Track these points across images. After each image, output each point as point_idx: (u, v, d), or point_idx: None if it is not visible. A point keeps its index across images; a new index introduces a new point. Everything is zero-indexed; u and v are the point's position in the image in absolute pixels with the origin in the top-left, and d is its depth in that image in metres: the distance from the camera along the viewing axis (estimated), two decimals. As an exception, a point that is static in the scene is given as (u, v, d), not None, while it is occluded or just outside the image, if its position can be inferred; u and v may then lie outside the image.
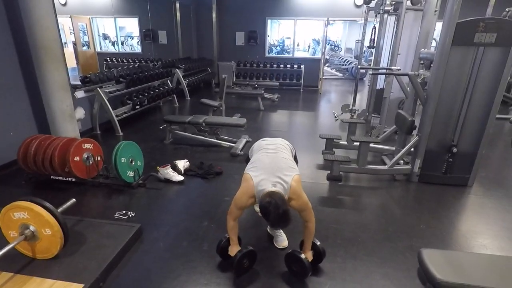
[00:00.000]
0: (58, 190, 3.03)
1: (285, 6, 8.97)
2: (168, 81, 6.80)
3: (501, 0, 3.96)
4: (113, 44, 11.70)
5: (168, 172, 3.22)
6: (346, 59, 12.55)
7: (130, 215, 2.63)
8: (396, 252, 2.28)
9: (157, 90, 6.10)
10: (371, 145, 3.59)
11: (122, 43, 11.43)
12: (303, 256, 1.91)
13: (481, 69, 2.90)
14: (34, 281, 1.83)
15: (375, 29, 4.84)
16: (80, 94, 4.61)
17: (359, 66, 5.39)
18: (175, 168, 3.35)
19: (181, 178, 3.25)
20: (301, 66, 9.14)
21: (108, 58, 9.67)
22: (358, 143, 3.42)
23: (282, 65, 9.27)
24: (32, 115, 3.71)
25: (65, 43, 10.53)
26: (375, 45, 4.85)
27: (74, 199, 2.32)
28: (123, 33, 11.61)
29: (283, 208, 1.69)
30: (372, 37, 4.92)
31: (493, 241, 2.47)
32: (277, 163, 1.92)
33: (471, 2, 4.37)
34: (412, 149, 3.36)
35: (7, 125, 3.43)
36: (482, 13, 3.45)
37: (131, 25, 10.81)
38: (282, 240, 2.30)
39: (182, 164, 3.44)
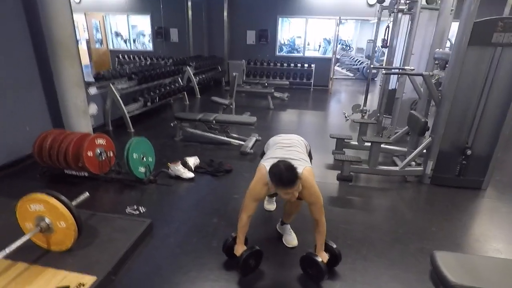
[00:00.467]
0: (71, 184, 3.09)
1: (296, 5, 8.92)
2: (179, 78, 6.85)
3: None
4: (125, 41, 11.84)
5: (178, 169, 3.25)
6: (357, 59, 12.42)
7: (142, 210, 2.66)
8: (407, 254, 2.25)
9: (168, 88, 6.15)
10: (382, 145, 3.55)
11: (134, 41, 11.55)
12: (319, 259, 1.89)
13: (499, 70, 2.84)
14: (49, 272, 1.87)
15: (388, 28, 4.77)
16: (93, 90, 4.68)
17: (371, 66, 5.33)
18: (185, 165, 3.38)
19: (191, 175, 3.28)
20: (312, 66, 9.09)
21: (120, 56, 9.78)
22: (369, 144, 3.38)
23: (292, 64, 9.24)
24: (47, 110, 3.79)
25: (79, 40, 10.69)
26: (388, 45, 4.79)
27: (87, 193, 2.37)
28: (135, 31, 11.75)
29: (287, 164, 1.76)
30: (386, 37, 4.86)
31: (508, 245, 2.42)
32: (290, 156, 1.95)
33: (487, 1, 4.27)
34: (425, 151, 3.31)
35: (24, 120, 3.52)
36: (499, 13, 3.36)
37: (143, 23, 10.93)
38: (292, 239, 2.30)
39: (193, 161, 3.47)
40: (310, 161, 2.12)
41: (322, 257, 1.93)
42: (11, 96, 3.35)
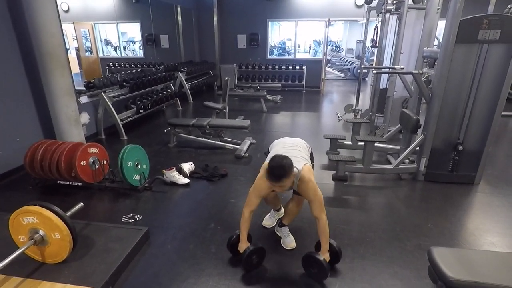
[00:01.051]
0: (65, 195, 3.05)
1: (286, 8, 9.00)
2: (171, 84, 6.83)
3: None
4: (115, 49, 11.77)
5: (173, 175, 3.23)
6: (348, 60, 12.55)
7: (137, 218, 2.64)
8: (405, 251, 2.27)
9: (160, 94, 6.13)
10: (376, 144, 3.58)
11: (124, 48, 11.49)
12: (321, 257, 1.90)
13: (486, 66, 2.89)
14: (45, 285, 1.83)
15: (377, 28, 4.84)
16: (84, 99, 4.65)
17: (362, 66, 5.38)
18: (180, 171, 3.36)
19: (186, 180, 3.26)
20: (303, 67, 9.15)
21: (110, 63, 9.71)
22: (363, 143, 3.41)
23: (284, 67, 9.29)
24: (38, 121, 3.74)
25: (68, 49, 10.60)
26: (377, 45, 4.85)
27: (82, 203, 2.33)
28: (125, 38, 11.69)
29: (281, 157, 1.84)
30: (375, 37, 4.92)
31: (502, 238, 2.45)
32: (292, 154, 2.01)
33: (472, 0, 4.36)
34: (418, 148, 3.35)
35: (14, 131, 3.46)
36: (483, 11, 3.44)
37: (133, 30, 10.88)
38: (290, 241, 2.30)
39: (188, 166, 3.45)
40: (312, 161, 2.21)
41: (325, 257, 1.94)
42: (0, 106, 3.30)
